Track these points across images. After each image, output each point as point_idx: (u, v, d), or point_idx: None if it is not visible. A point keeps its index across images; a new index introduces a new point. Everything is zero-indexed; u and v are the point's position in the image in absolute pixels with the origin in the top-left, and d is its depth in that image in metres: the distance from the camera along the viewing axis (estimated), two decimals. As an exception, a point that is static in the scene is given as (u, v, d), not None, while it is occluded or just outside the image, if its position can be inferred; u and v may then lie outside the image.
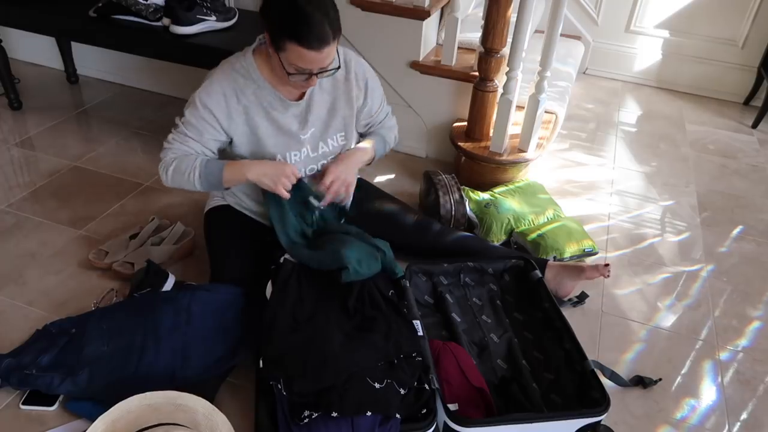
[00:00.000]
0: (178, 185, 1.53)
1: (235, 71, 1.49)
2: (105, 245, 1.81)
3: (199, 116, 1.48)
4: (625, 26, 3.18)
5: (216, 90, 1.48)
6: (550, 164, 2.47)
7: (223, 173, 1.50)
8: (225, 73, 1.49)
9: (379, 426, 1.19)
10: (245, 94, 1.50)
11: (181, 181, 1.52)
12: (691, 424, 1.43)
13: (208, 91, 1.48)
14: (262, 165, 1.50)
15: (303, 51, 1.34)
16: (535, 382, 1.43)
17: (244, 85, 1.49)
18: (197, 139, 1.51)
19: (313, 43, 1.33)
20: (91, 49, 2.64)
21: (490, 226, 1.92)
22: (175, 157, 1.51)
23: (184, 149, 1.51)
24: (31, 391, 1.37)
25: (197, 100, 1.48)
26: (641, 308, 1.76)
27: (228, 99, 1.49)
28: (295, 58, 1.36)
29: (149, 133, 2.55)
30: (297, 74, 1.40)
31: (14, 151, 2.36)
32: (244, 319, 1.49)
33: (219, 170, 1.50)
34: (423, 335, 1.41)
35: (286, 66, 1.39)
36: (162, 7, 2.14)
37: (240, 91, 1.49)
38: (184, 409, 1.26)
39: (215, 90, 1.48)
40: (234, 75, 1.49)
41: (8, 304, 1.64)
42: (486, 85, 2.12)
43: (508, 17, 1.99)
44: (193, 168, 1.49)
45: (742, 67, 3.06)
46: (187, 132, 1.50)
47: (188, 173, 1.49)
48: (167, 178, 1.52)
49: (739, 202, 2.32)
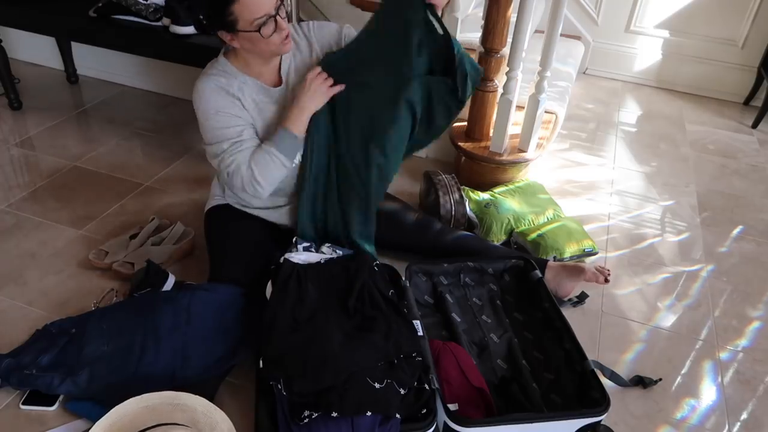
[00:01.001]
0: (272, 179, 1.55)
1: (213, 75, 1.52)
2: (105, 245, 1.81)
3: (221, 119, 1.51)
4: (625, 26, 3.18)
5: (209, 94, 1.50)
6: (550, 164, 2.47)
7: (289, 130, 1.51)
8: (206, 80, 1.52)
9: (379, 426, 1.19)
10: (233, 87, 1.52)
11: (271, 174, 1.53)
12: (691, 424, 1.43)
13: (206, 99, 1.50)
14: (302, 96, 1.51)
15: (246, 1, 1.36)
16: (535, 382, 1.43)
17: (227, 83, 1.52)
18: (243, 137, 1.52)
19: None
20: (91, 49, 2.64)
21: (490, 226, 1.92)
22: (248, 162, 1.52)
23: (245, 153, 1.52)
24: (31, 391, 1.37)
25: (206, 113, 1.51)
26: (641, 308, 1.76)
27: (224, 96, 1.51)
28: (247, 13, 1.38)
29: (149, 133, 2.55)
30: (264, 27, 1.40)
31: (14, 151, 2.36)
32: (244, 319, 1.49)
33: (284, 131, 1.52)
34: (423, 335, 1.41)
35: (250, 30, 1.41)
36: (162, 7, 2.14)
37: (227, 85, 1.52)
38: (182, 409, 1.26)
39: (208, 95, 1.50)
40: (213, 78, 1.52)
41: (8, 304, 1.64)
42: (486, 85, 2.12)
43: (508, 17, 1.99)
44: (267, 152, 1.51)
45: (742, 67, 3.06)
46: (230, 138, 1.52)
47: (267, 158, 1.51)
48: (261, 183, 1.53)
49: (739, 202, 2.32)
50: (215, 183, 1.79)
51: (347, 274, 1.52)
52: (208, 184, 1.87)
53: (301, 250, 1.62)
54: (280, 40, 1.46)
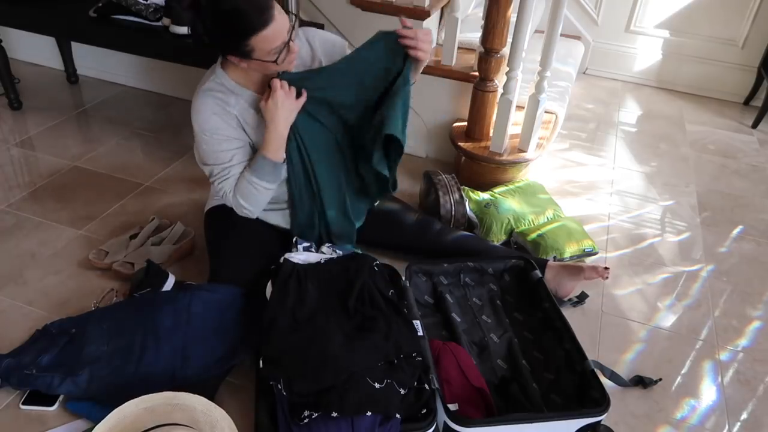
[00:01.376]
0: (259, 203, 1.58)
1: (210, 90, 1.50)
2: (105, 245, 1.81)
3: (214, 142, 1.51)
4: (625, 26, 3.18)
5: (206, 114, 1.49)
6: (550, 164, 2.47)
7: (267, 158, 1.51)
8: (203, 96, 1.50)
9: (379, 426, 1.19)
10: (230, 104, 1.51)
11: (256, 199, 1.56)
12: (691, 424, 1.43)
13: (203, 119, 1.50)
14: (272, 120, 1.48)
15: (264, 34, 1.34)
16: (535, 382, 1.43)
17: (224, 99, 1.50)
18: (232, 162, 1.53)
19: (265, 21, 1.33)
20: (91, 49, 2.64)
21: (490, 226, 1.92)
22: (233, 191, 1.55)
23: (230, 180, 1.54)
24: (31, 391, 1.37)
25: (201, 132, 1.51)
26: (641, 308, 1.76)
27: (221, 116, 1.50)
28: (265, 45, 1.37)
29: (149, 133, 2.55)
30: (278, 54, 1.40)
31: (14, 151, 2.36)
32: (244, 319, 1.49)
33: (263, 159, 1.51)
34: (423, 335, 1.41)
35: (266, 59, 1.40)
36: (162, 7, 2.14)
37: (224, 103, 1.50)
38: (182, 408, 1.25)
39: (205, 115, 1.49)
40: (211, 94, 1.50)
41: (8, 304, 1.64)
42: (486, 85, 2.12)
43: (508, 17, 1.99)
44: (249, 181, 1.53)
45: (742, 67, 3.06)
46: (220, 163, 1.53)
47: (251, 188, 1.53)
48: (249, 209, 1.57)
49: (739, 202, 2.32)
50: (215, 183, 1.79)
51: (347, 274, 1.52)
52: (208, 184, 1.85)
53: (301, 250, 1.62)
54: (290, 60, 1.47)
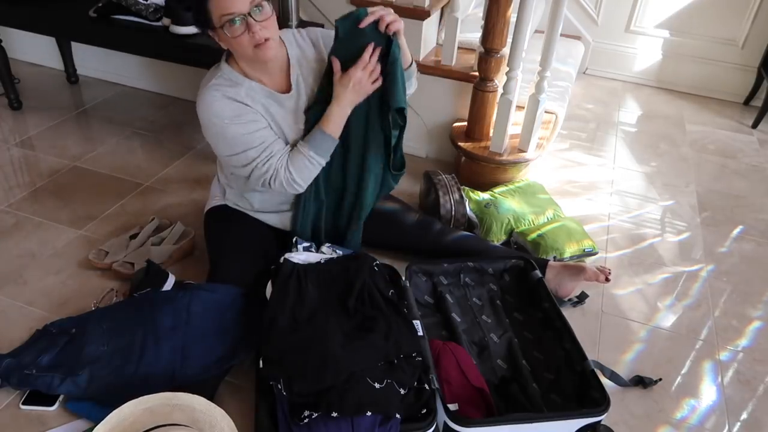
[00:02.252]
0: (310, 178, 1.55)
1: (217, 84, 1.47)
2: (105, 245, 1.81)
3: (240, 126, 1.46)
4: (625, 26, 3.18)
5: (221, 103, 1.45)
6: (550, 164, 2.47)
7: (326, 133, 1.50)
8: (210, 92, 1.46)
9: (379, 426, 1.19)
10: (240, 95, 1.48)
11: (309, 175, 1.53)
12: (691, 424, 1.43)
13: (219, 108, 1.45)
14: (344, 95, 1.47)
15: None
16: (535, 382, 1.43)
17: (233, 92, 1.47)
18: (269, 139, 1.49)
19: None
20: (91, 49, 2.64)
21: (490, 226, 1.92)
22: (286, 165, 1.50)
23: (277, 157, 1.50)
24: (31, 391, 1.37)
25: (221, 122, 1.45)
26: (641, 308, 1.76)
27: (233, 103, 1.46)
28: (217, 11, 1.34)
29: (149, 133, 2.55)
30: (230, 25, 1.35)
31: (14, 151, 2.36)
32: (244, 319, 1.49)
33: (323, 134, 1.50)
34: (423, 335, 1.41)
35: (218, 27, 1.37)
36: (162, 7, 2.14)
37: (234, 94, 1.47)
38: (181, 408, 1.26)
39: (220, 104, 1.45)
40: (218, 88, 1.46)
41: (8, 304, 1.64)
42: (486, 85, 2.12)
43: (508, 17, 1.99)
44: (306, 155, 1.50)
45: (742, 67, 3.06)
46: (256, 145, 1.48)
47: (306, 162, 1.50)
48: (301, 184, 1.53)
49: (739, 202, 2.32)
50: (215, 183, 1.79)
51: (347, 274, 1.52)
52: (208, 184, 1.87)
53: (301, 250, 1.62)
54: (250, 43, 1.38)
